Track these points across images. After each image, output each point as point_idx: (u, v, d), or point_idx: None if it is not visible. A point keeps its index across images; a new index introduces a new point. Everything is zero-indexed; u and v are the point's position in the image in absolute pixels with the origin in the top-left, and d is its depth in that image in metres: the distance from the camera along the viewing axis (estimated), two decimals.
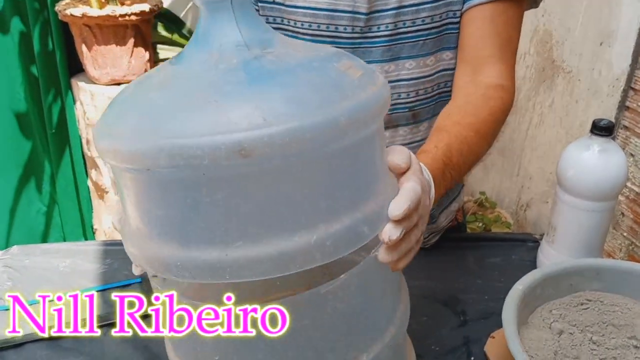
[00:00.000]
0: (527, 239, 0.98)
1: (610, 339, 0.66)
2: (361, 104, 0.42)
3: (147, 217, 0.43)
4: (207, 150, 0.37)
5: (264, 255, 0.40)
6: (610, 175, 0.75)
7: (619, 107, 1.49)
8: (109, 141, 0.42)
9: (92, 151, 1.82)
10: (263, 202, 0.40)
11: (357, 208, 0.44)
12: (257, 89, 0.39)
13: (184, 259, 0.41)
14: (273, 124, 0.37)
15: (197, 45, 0.45)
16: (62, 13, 1.63)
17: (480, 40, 0.79)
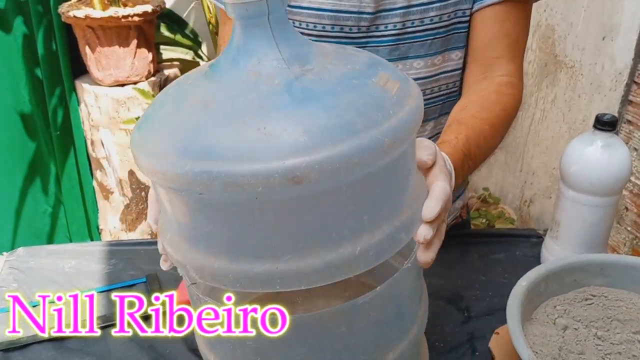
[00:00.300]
0: (531, 235, 0.97)
1: (615, 334, 0.65)
2: (401, 121, 0.43)
3: (194, 231, 0.45)
4: (260, 178, 0.38)
5: (311, 267, 0.43)
6: (614, 170, 0.75)
7: (622, 102, 1.48)
8: (152, 161, 0.42)
9: (96, 152, 1.82)
10: (311, 220, 0.42)
11: (395, 216, 0.45)
12: (303, 112, 0.40)
13: (235, 272, 0.43)
14: (323, 151, 0.38)
15: (234, 61, 0.45)
16: (65, 15, 1.63)
17: (490, 41, 0.80)
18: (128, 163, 1.80)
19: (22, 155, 1.92)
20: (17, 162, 1.92)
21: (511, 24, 0.80)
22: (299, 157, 0.38)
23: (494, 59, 0.80)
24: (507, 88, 0.79)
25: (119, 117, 1.72)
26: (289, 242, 0.42)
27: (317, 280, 0.43)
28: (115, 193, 1.86)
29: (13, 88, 1.83)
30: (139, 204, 1.86)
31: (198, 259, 0.45)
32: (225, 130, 0.40)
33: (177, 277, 0.85)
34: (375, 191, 0.44)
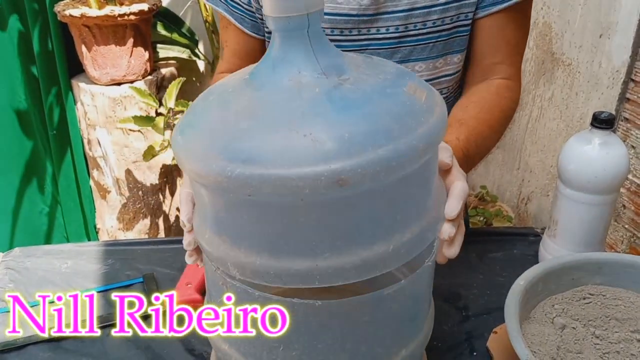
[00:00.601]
0: (529, 233, 0.97)
1: (613, 333, 0.65)
2: (432, 128, 0.46)
3: (238, 230, 0.48)
4: (308, 181, 0.41)
5: (349, 264, 0.46)
6: (612, 169, 0.75)
7: (619, 99, 1.48)
8: (201, 164, 0.45)
9: (93, 151, 1.82)
10: (350, 220, 0.45)
11: (422, 217, 0.50)
12: (345, 119, 0.43)
13: (277, 268, 0.46)
14: (366, 155, 0.42)
15: (274, 71, 0.48)
16: (61, 14, 1.62)
17: (491, 48, 0.82)
18: (125, 162, 1.79)
19: (18, 155, 1.92)
20: (14, 162, 1.92)
21: (512, 30, 0.81)
22: (344, 161, 0.41)
23: (494, 65, 0.83)
24: (505, 91, 0.82)
25: (115, 116, 1.72)
26: (328, 241, 0.45)
27: (353, 276, 0.46)
28: (112, 192, 1.85)
29: (9, 87, 1.82)
30: (136, 203, 1.86)
31: (239, 257, 0.48)
32: (274, 136, 0.43)
33: (174, 277, 0.85)
34: (408, 193, 0.47)
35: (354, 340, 0.51)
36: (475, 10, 0.80)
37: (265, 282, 0.47)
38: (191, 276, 0.83)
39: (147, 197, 1.86)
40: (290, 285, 0.47)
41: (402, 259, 0.48)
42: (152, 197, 1.88)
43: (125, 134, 1.75)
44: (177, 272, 0.86)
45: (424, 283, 0.55)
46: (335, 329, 0.50)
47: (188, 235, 0.54)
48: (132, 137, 1.76)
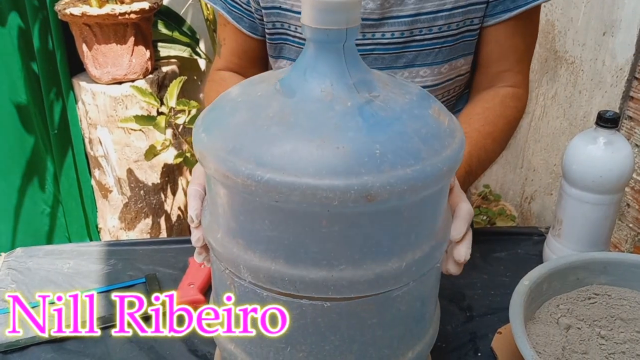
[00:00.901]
0: (533, 233, 0.97)
1: (619, 333, 0.65)
2: (455, 152, 0.48)
3: (254, 234, 0.48)
4: (338, 193, 0.42)
5: (363, 278, 0.47)
6: (617, 168, 0.75)
7: (623, 97, 1.48)
8: (228, 165, 0.45)
9: (95, 151, 1.81)
10: (370, 234, 0.46)
11: (433, 236, 0.51)
12: (376, 135, 0.44)
13: (292, 276, 0.47)
14: (395, 173, 0.43)
15: (306, 80, 0.48)
16: (62, 12, 1.62)
17: (498, 57, 0.82)
18: (126, 161, 1.79)
19: (19, 155, 1.92)
20: (15, 162, 1.92)
21: (520, 37, 0.81)
22: (374, 176, 0.42)
23: (501, 72, 0.82)
24: (511, 100, 0.81)
25: (116, 115, 1.72)
26: (346, 253, 0.46)
27: (365, 290, 0.48)
28: (113, 192, 1.85)
29: (9, 86, 1.82)
30: (137, 203, 1.86)
31: (254, 260, 0.48)
32: (306, 145, 0.43)
33: (177, 277, 0.85)
34: (424, 213, 0.49)
35: (361, 342, 0.51)
36: (484, 17, 0.79)
37: (278, 288, 0.48)
38: (194, 276, 0.83)
39: (148, 197, 1.86)
40: (303, 294, 0.47)
41: (412, 276, 0.50)
42: (154, 197, 1.87)
43: (126, 133, 1.75)
44: (179, 272, 0.86)
45: (432, 284, 0.55)
46: (342, 330, 0.50)
47: (196, 231, 0.54)
48: (133, 136, 1.76)
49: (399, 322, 0.52)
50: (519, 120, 0.83)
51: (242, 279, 0.50)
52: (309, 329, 0.50)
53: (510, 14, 0.78)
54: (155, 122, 1.61)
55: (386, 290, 0.49)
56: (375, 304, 0.49)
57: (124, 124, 1.65)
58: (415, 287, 0.51)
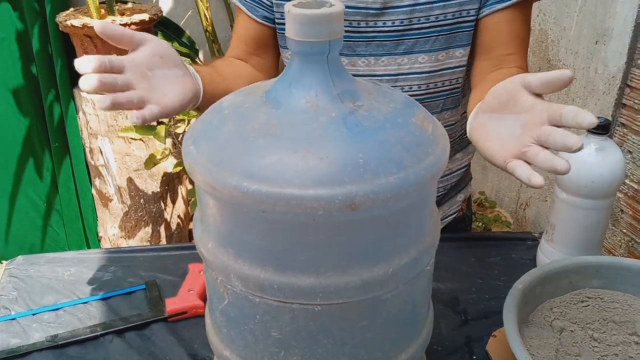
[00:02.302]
0: (527, 238, 0.98)
1: (611, 336, 0.66)
2: (438, 159, 0.49)
3: (243, 243, 0.49)
4: (323, 203, 0.43)
5: (350, 283, 0.48)
6: (608, 173, 0.76)
7: (615, 105, 1.49)
8: (215, 177, 0.46)
9: (95, 160, 1.82)
10: (356, 241, 0.47)
11: (420, 242, 0.52)
12: (359, 145, 0.46)
13: (281, 283, 0.48)
14: (378, 182, 0.44)
15: (291, 92, 0.49)
16: (63, 24, 1.64)
17: (501, 42, 0.83)
18: (126, 170, 1.80)
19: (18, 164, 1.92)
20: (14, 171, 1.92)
21: (519, 24, 0.83)
22: (358, 185, 0.43)
23: (506, 56, 0.83)
24: None
25: (117, 125, 1.73)
26: (333, 260, 0.47)
27: (353, 295, 0.48)
28: (114, 201, 1.86)
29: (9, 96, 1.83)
30: (137, 211, 1.86)
31: (243, 269, 0.49)
32: (291, 156, 0.44)
33: (176, 283, 0.86)
34: (409, 219, 0.49)
35: (353, 344, 0.52)
36: (479, 9, 0.83)
37: (267, 295, 0.49)
38: (193, 283, 0.84)
39: (148, 205, 1.87)
40: (291, 300, 0.48)
41: (399, 281, 0.50)
42: (154, 205, 1.88)
43: (126, 143, 1.76)
44: (179, 278, 0.87)
45: (423, 287, 0.56)
46: (334, 333, 0.51)
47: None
48: (133, 145, 1.77)
49: (391, 325, 0.53)
50: None
51: (234, 287, 0.51)
52: (302, 332, 0.50)
53: (504, 4, 0.81)
54: (155, 131, 1.62)
55: (374, 295, 0.50)
56: (366, 306, 0.50)
57: (124, 133, 1.66)
58: (405, 291, 0.52)
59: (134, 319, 0.79)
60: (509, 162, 0.55)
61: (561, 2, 1.68)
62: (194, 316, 0.80)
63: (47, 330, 0.77)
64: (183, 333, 0.77)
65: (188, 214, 2.02)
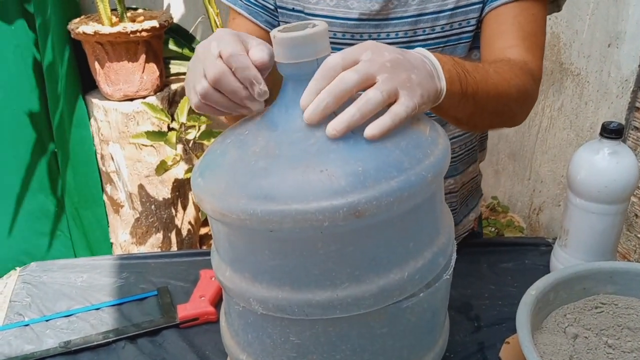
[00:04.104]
0: (540, 243, 0.97)
1: (626, 342, 0.65)
2: (439, 158, 0.49)
3: (257, 266, 0.50)
4: (327, 214, 0.43)
5: (367, 292, 0.48)
6: (622, 178, 0.75)
7: (629, 108, 1.48)
8: (223, 204, 0.47)
9: (106, 166, 1.84)
10: (367, 249, 0.47)
11: (433, 243, 0.52)
12: (357, 154, 0.46)
13: (299, 301, 0.48)
14: (379, 187, 0.44)
15: (288, 112, 0.51)
16: (75, 31, 1.65)
17: (502, 34, 0.77)
18: (137, 177, 1.81)
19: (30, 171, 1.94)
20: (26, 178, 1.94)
21: (524, 18, 0.77)
22: (360, 193, 0.44)
23: (506, 48, 0.76)
24: (520, 71, 0.72)
25: (128, 131, 1.74)
26: (346, 271, 0.47)
27: (372, 304, 0.49)
28: (125, 207, 1.87)
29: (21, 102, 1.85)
30: (148, 217, 1.87)
31: (261, 292, 0.50)
32: (291, 173, 0.46)
33: (188, 289, 0.86)
34: (419, 221, 0.50)
35: (371, 352, 0.52)
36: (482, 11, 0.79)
37: (288, 314, 0.49)
38: (205, 289, 0.84)
39: (159, 211, 1.88)
40: (312, 317, 0.49)
41: (416, 285, 0.50)
42: (165, 211, 1.89)
43: (138, 149, 1.77)
44: (190, 284, 0.87)
45: (441, 296, 0.56)
46: (353, 340, 0.51)
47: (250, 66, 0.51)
48: (144, 152, 1.78)
49: (410, 333, 0.53)
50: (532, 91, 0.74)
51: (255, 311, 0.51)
52: (321, 338, 0.51)
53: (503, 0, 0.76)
54: (166, 137, 1.63)
55: (392, 302, 0.50)
56: (385, 314, 0.50)
57: (136, 139, 1.67)
58: (425, 299, 0.52)
59: (145, 325, 0.79)
60: None
61: (573, 4, 1.67)
62: (205, 322, 0.80)
63: (60, 337, 0.78)
64: (195, 339, 0.77)
65: (199, 220, 2.03)
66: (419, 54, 0.55)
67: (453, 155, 0.90)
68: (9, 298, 0.87)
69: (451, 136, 0.89)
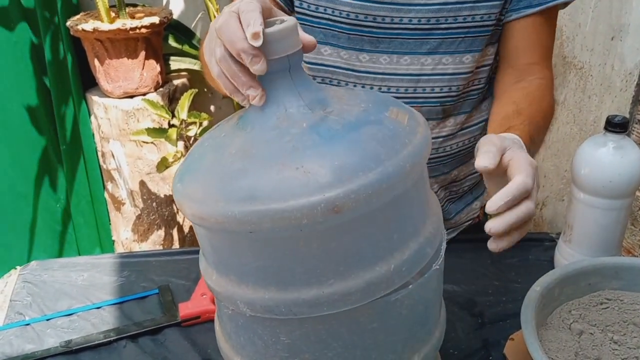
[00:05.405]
0: (544, 239, 0.97)
1: (631, 338, 0.65)
2: (417, 147, 0.48)
3: (243, 268, 0.49)
4: (305, 212, 0.43)
5: (353, 288, 0.47)
6: (626, 172, 0.75)
7: (633, 102, 1.47)
8: (201, 208, 0.47)
9: (107, 164, 1.83)
10: (349, 244, 0.47)
11: (419, 233, 0.51)
12: (333, 149, 0.46)
13: (285, 301, 0.48)
14: (357, 181, 0.44)
15: (262, 112, 0.50)
16: (74, 28, 1.65)
17: (526, 49, 0.84)
18: (139, 174, 1.81)
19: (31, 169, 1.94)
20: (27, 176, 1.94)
21: (545, 33, 0.84)
22: (337, 189, 0.43)
23: (529, 65, 0.83)
24: (546, 89, 0.83)
25: (128, 128, 1.73)
26: (331, 267, 0.47)
27: (359, 299, 0.48)
28: (126, 204, 1.87)
29: (22, 100, 1.85)
30: (150, 215, 1.87)
31: (248, 294, 0.49)
32: (268, 172, 0.45)
33: (189, 287, 0.86)
34: (401, 212, 0.49)
35: (364, 347, 0.51)
36: (507, 12, 0.82)
37: (275, 315, 0.49)
38: (206, 287, 0.83)
39: (161, 209, 1.88)
40: (300, 316, 0.48)
41: (404, 277, 0.50)
42: (166, 209, 1.89)
43: (138, 146, 1.77)
44: (192, 283, 0.87)
45: (433, 287, 0.55)
46: (344, 337, 0.50)
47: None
48: (145, 149, 1.78)
49: (402, 327, 0.53)
50: (554, 109, 0.85)
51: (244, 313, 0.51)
52: (311, 337, 0.50)
53: (534, 10, 0.81)
54: (167, 134, 1.63)
55: (380, 296, 0.49)
56: (375, 309, 0.50)
57: (136, 136, 1.67)
58: (415, 291, 0.51)
59: (147, 324, 0.78)
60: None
61: None
62: (207, 321, 0.79)
63: (61, 336, 0.78)
64: (196, 338, 0.77)
65: None
66: (524, 152, 0.64)
67: (461, 147, 0.92)
68: (10, 297, 0.86)
69: (458, 129, 0.90)
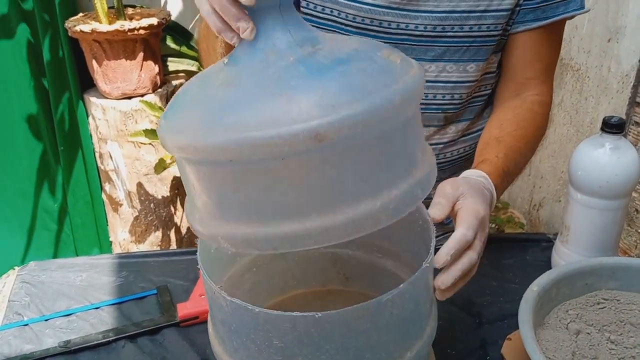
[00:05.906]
0: (541, 239, 0.97)
1: (628, 338, 0.65)
2: (408, 84, 0.47)
3: (224, 202, 0.48)
4: (287, 138, 0.42)
5: (338, 223, 0.46)
6: (623, 173, 0.75)
7: (629, 103, 1.48)
8: (182, 137, 0.46)
9: (105, 165, 1.83)
10: (333, 177, 0.45)
11: (410, 174, 0.50)
12: (319, 80, 0.44)
13: (267, 234, 0.46)
14: (341, 110, 0.42)
15: (250, 47, 0.49)
16: (72, 29, 1.65)
17: (525, 64, 0.85)
18: (136, 175, 1.81)
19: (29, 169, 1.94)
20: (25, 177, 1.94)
21: (546, 48, 0.84)
22: (320, 117, 0.42)
23: (528, 80, 0.85)
24: (539, 107, 0.84)
25: (126, 129, 1.74)
26: (313, 200, 0.45)
27: (343, 235, 0.46)
28: (124, 205, 1.87)
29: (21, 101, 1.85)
30: (147, 216, 1.87)
31: (229, 229, 0.48)
32: (250, 100, 0.44)
33: (188, 288, 0.86)
34: (390, 150, 0.47)
35: (357, 348, 0.51)
36: (513, 23, 0.82)
37: (257, 249, 0.48)
38: (204, 288, 0.83)
39: (158, 210, 1.88)
40: (281, 250, 0.47)
41: (391, 216, 0.48)
42: (164, 210, 1.89)
43: (136, 147, 1.77)
44: (190, 283, 0.87)
45: (424, 285, 0.55)
46: (336, 339, 0.50)
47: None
48: (143, 150, 1.78)
49: (394, 326, 0.52)
50: (546, 128, 0.86)
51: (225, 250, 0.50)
52: (304, 339, 0.49)
53: (540, 23, 0.81)
54: None
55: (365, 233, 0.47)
56: (367, 310, 0.49)
57: (134, 138, 1.67)
58: (406, 290, 0.50)
59: (146, 324, 0.78)
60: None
61: None
62: (205, 321, 0.79)
63: (59, 336, 0.77)
64: (195, 338, 0.77)
65: None
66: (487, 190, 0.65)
67: (461, 154, 0.94)
68: (8, 298, 0.86)
69: (459, 136, 0.91)
